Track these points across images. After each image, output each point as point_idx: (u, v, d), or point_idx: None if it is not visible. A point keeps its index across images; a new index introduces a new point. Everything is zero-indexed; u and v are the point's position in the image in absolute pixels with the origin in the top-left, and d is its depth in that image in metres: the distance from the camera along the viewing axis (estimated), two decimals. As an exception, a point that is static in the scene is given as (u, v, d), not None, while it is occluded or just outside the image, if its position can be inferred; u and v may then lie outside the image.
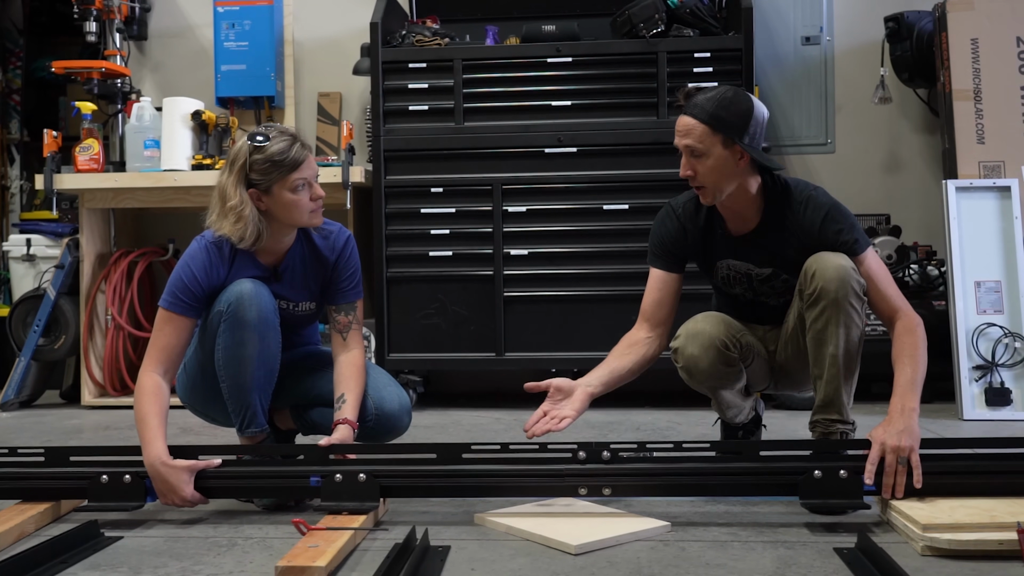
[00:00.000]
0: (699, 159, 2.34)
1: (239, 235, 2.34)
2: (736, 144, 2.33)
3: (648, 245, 2.58)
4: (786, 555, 1.92)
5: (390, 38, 4.05)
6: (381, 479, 2.20)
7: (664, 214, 2.57)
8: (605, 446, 2.21)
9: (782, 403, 3.79)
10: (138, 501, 2.24)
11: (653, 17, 3.86)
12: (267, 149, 2.33)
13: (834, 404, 2.37)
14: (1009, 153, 3.88)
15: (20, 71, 5.25)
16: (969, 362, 3.63)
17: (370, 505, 2.16)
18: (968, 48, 3.95)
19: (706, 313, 2.56)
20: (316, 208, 2.40)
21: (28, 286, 4.47)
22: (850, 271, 2.31)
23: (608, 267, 3.91)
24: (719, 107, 2.33)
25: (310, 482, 2.21)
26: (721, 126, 2.32)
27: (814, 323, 2.34)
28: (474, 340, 3.95)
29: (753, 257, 2.48)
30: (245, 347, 2.32)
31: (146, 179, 4.12)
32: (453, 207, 3.96)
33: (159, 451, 2.22)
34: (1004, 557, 1.84)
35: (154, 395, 2.30)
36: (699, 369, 2.46)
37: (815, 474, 2.13)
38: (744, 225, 2.46)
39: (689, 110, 2.35)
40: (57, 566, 1.89)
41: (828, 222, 2.38)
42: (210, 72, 4.45)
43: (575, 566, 1.88)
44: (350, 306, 2.52)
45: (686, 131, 2.35)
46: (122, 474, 2.24)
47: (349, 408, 2.39)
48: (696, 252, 2.55)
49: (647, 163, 3.87)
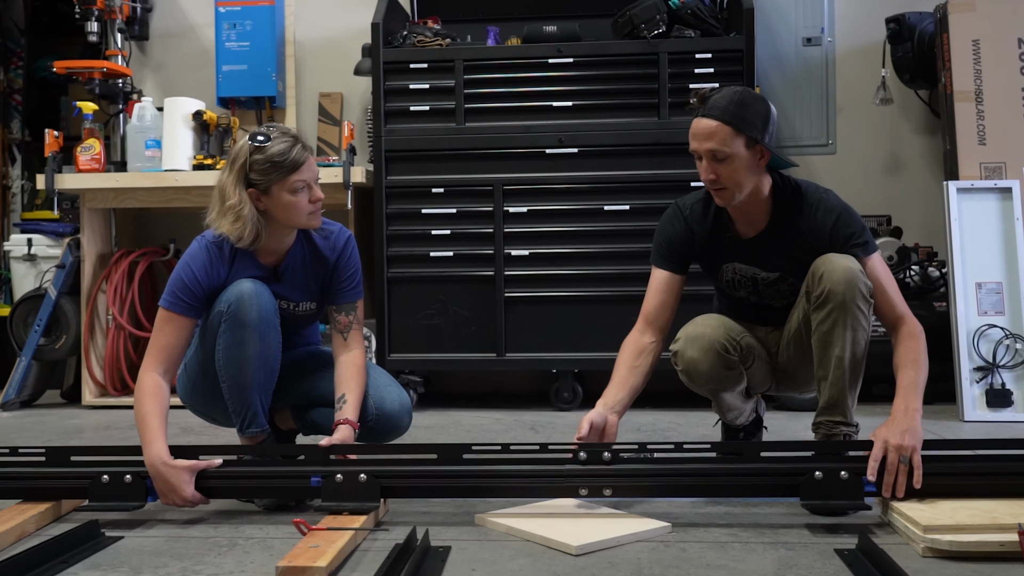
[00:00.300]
0: (722, 162, 2.31)
1: (237, 234, 2.34)
2: (758, 144, 2.32)
3: (652, 245, 2.56)
4: (787, 556, 1.92)
5: (391, 38, 4.05)
6: (382, 479, 2.20)
7: (671, 214, 2.55)
8: (606, 447, 2.21)
9: (783, 404, 3.79)
10: (139, 501, 2.24)
11: (654, 18, 3.85)
12: (267, 150, 2.33)
13: (838, 406, 2.36)
14: (1010, 154, 3.88)
15: (22, 71, 5.25)
16: (970, 363, 3.63)
17: (371, 505, 2.16)
18: (969, 49, 3.95)
19: (706, 315, 2.55)
20: (315, 210, 2.40)
21: (29, 286, 4.47)
22: (858, 273, 2.30)
23: (609, 268, 3.90)
24: (740, 107, 2.30)
25: (311, 482, 2.21)
26: (744, 126, 2.30)
27: (820, 325, 2.33)
28: (475, 340, 3.95)
29: (760, 261, 2.47)
30: (246, 347, 2.32)
31: (147, 179, 4.12)
32: (454, 207, 3.96)
33: (160, 451, 2.22)
34: (1005, 559, 1.84)
35: (154, 395, 2.30)
36: (699, 372, 2.46)
37: (816, 475, 2.13)
38: (753, 227, 2.45)
39: (708, 112, 2.32)
40: (58, 566, 1.89)
41: (840, 225, 2.38)
42: (211, 72, 4.45)
43: (576, 567, 1.87)
44: (351, 306, 2.52)
45: (708, 134, 2.31)
46: (123, 474, 2.24)
47: (350, 408, 2.39)
48: (702, 254, 2.53)
49: (648, 164, 3.87)
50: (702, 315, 2.55)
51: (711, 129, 2.31)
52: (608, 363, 2.42)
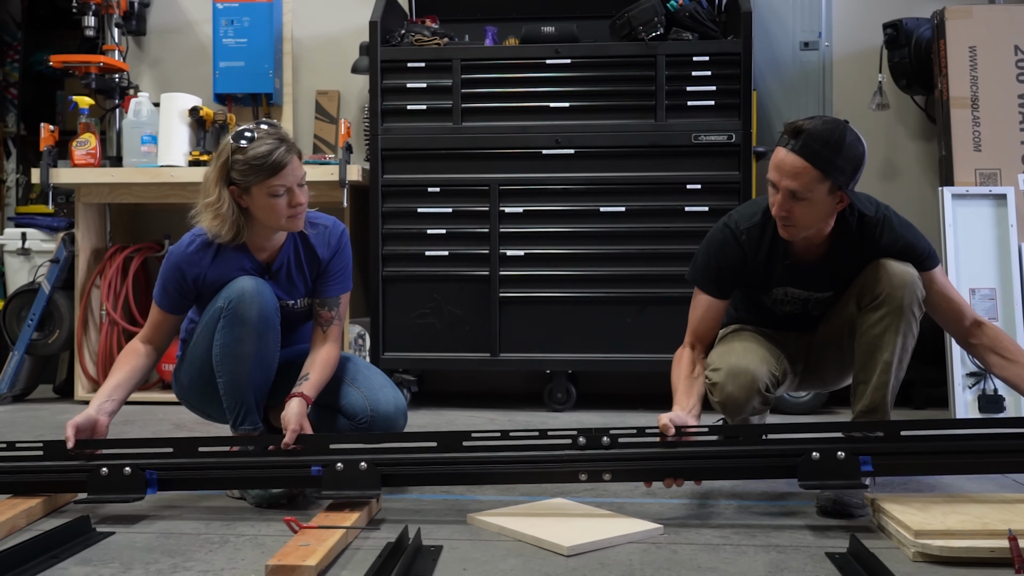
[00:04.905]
0: (800, 202, 2.22)
1: (215, 231, 2.36)
2: (841, 190, 2.23)
3: (698, 263, 2.45)
4: (778, 559, 1.92)
5: (389, 37, 4.05)
6: (382, 467, 2.20)
7: (725, 238, 2.41)
8: (605, 432, 2.21)
9: (777, 407, 3.80)
10: (138, 493, 2.23)
11: (652, 20, 3.85)
12: (247, 151, 2.32)
13: (879, 410, 2.33)
14: (1005, 161, 3.89)
15: (18, 65, 5.23)
16: (963, 369, 3.64)
17: (371, 493, 2.17)
18: (966, 56, 3.96)
19: (743, 337, 2.45)
20: (295, 214, 2.38)
21: (23, 280, 4.46)
22: (916, 279, 2.28)
23: (604, 269, 3.90)
24: (834, 152, 2.19)
25: (311, 472, 2.20)
26: (833, 173, 2.19)
27: (871, 328, 2.30)
28: (469, 340, 3.95)
29: (816, 284, 2.42)
30: (243, 344, 2.32)
31: (143, 174, 4.12)
32: (450, 207, 3.96)
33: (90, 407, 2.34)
34: (995, 564, 1.84)
35: (127, 355, 2.46)
36: (736, 407, 2.37)
37: (813, 455, 2.12)
38: (812, 253, 2.38)
39: (801, 150, 2.20)
40: (48, 561, 1.89)
41: (903, 239, 2.34)
42: (208, 68, 4.44)
43: (567, 567, 1.87)
44: (334, 300, 2.53)
45: (793, 173, 2.20)
46: (122, 466, 2.23)
47: (309, 385, 2.40)
48: (754, 278, 2.43)
49: (644, 166, 3.87)
50: (738, 335, 2.47)
51: (797, 169, 2.19)
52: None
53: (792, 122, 2.26)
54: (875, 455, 2.14)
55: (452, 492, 2.48)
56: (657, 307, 3.85)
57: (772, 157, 2.27)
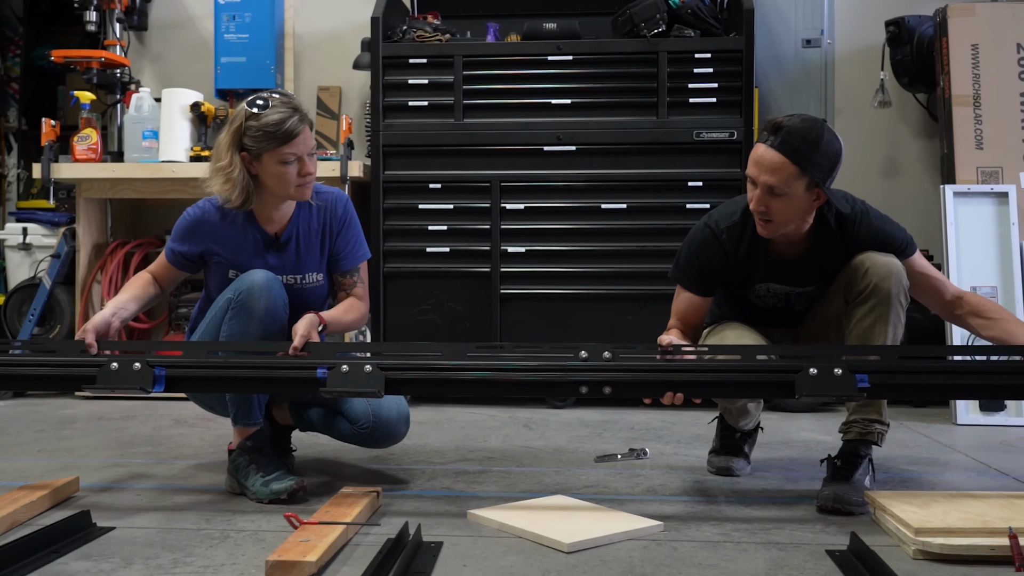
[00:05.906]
0: (777, 198, 2.25)
1: (225, 196, 2.39)
2: (818, 187, 2.27)
3: (680, 263, 2.49)
4: (778, 556, 1.92)
5: (391, 33, 4.04)
6: (387, 372, 2.18)
7: (705, 238, 2.44)
8: (606, 347, 2.20)
9: (776, 405, 3.79)
10: (146, 387, 2.19)
11: (654, 17, 3.85)
12: (262, 118, 2.34)
13: (874, 404, 2.35)
14: (1007, 159, 3.89)
15: (19, 59, 5.24)
16: (963, 367, 3.63)
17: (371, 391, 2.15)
18: (968, 54, 3.95)
19: (735, 329, 2.48)
20: (304, 183, 2.41)
21: (24, 275, 4.46)
22: (901, 269, 2.31)
23: (605, 266, 3.90)
24: (812, 147, 2.23)
25: (317, 374, 2.18)
26: (811, 168, 2.23)
27: (862, 320, 2.32)
28: (470, 337, 3.94)
29: (797, 279, 2.44)
30: (248, 337, 2.33)
31: (144, 170, 4.11)
32: (451, 203, 3.96)
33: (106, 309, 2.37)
34: (996, 562, 1.84)
35: (138, 280, 2.50)
36: (735, 411, 2.48)
37: (810, 371, 2.12)
38: (793, 250, 2.41)
39: (780, 145, 2.23)
40: (49, 556, 1.89)
41: (882, 234, 2.37)
42: (210, 64, 4.44)
43: (567, 564, 1.88)
44: (354, 269, 2.57)
45: (771, 168, 2.23)
46: (132, 361, 2.21)
47: (326, 312, 2.43)
48: (736, 276, 2.46)
49: (646, 163, 3.87)
50: (728, 325, 2.49)
51: (776, 164, 2.23)
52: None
53: (772, 118, 2.30)
54: (872, 372, 2.13)
55: (452, 488, 2.48)
56: (658, 304, 3.83)
57: (752, 153, 2.31)
